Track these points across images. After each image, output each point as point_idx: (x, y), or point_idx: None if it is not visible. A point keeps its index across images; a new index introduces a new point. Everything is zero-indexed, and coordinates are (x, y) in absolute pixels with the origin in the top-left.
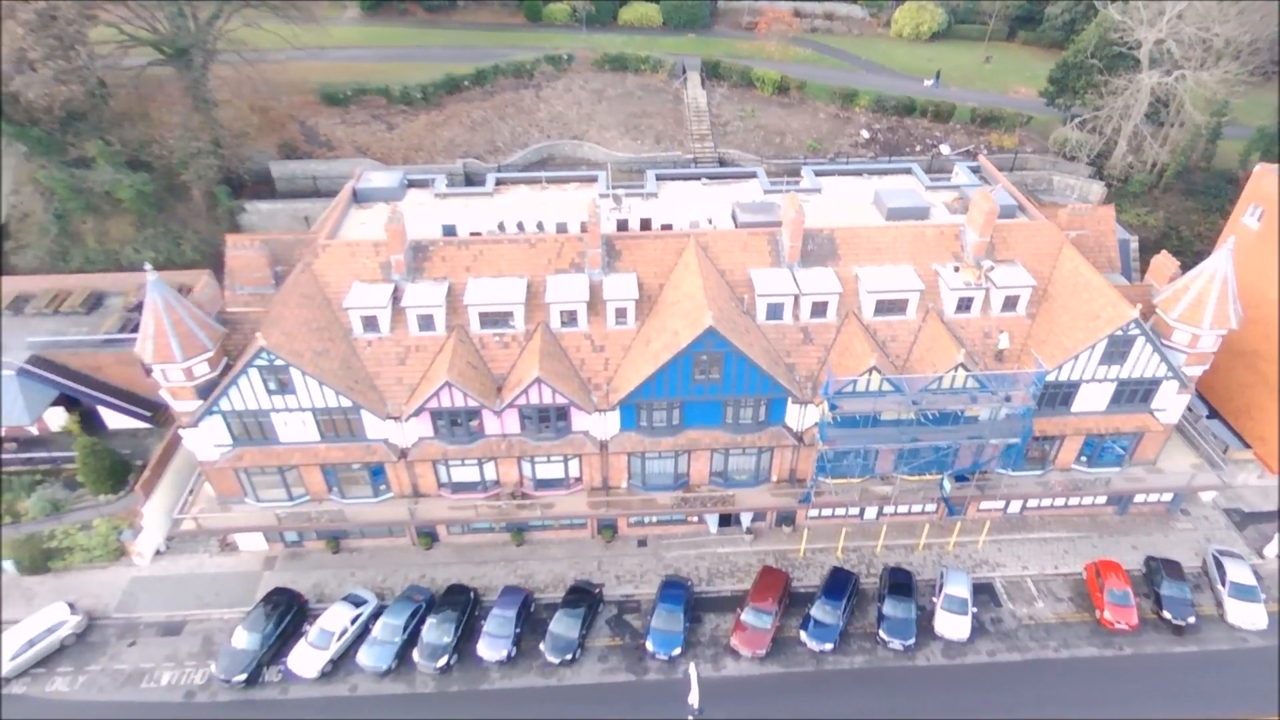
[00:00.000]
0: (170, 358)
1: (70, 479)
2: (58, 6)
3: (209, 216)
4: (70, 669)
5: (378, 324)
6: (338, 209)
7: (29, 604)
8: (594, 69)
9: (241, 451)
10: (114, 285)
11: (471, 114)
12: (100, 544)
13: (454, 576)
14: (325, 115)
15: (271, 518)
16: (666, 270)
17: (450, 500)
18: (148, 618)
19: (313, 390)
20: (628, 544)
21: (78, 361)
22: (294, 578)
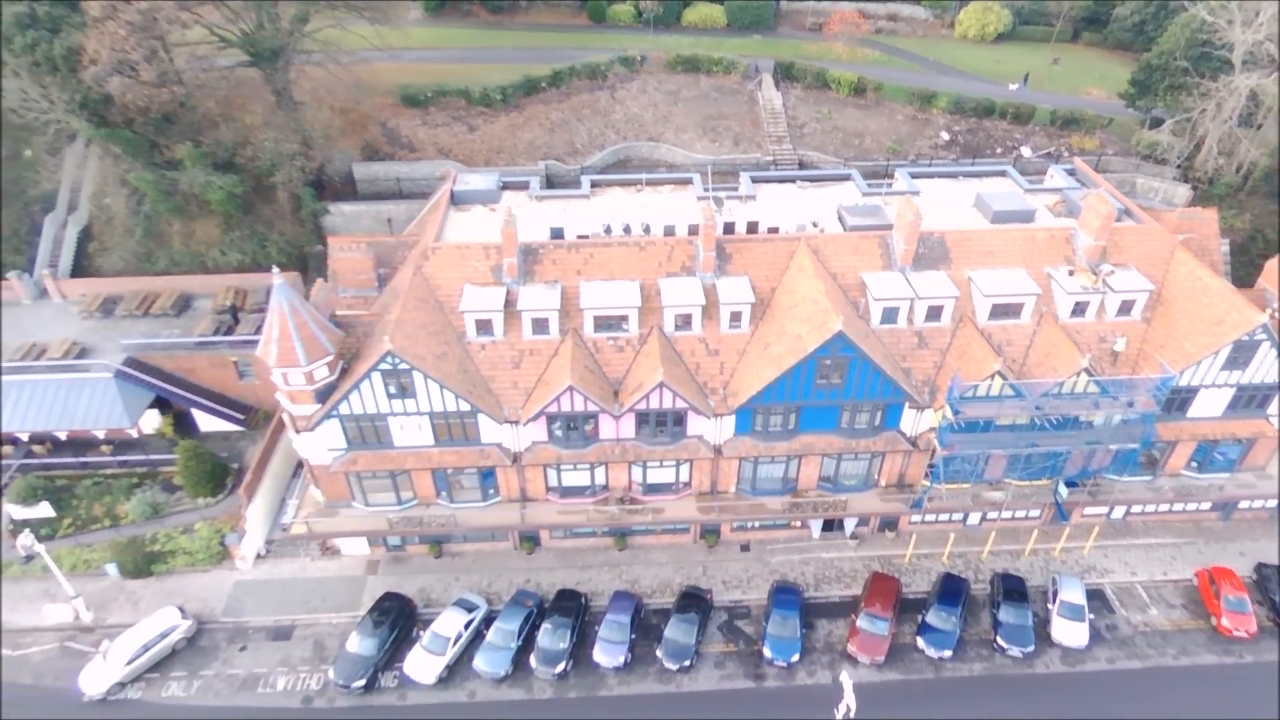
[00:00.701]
0: (294, 361)
1: (167, 482)
2: (160, 7)
3: (293, 218)
4: (184, 674)
5: (492, 327)
6: (438, 211)
7: (135, 608)
8: (666, 70)
9: (356, 455)
10: (202, 288)
11: (550, 116)
12: (203, 548)
13: (559, 581)
14: (405, 117)
15: (381, 522)
16: (778, 273)
17: (559, 505)
18: (256, 622)
19: (433, 394)
20: (730, 549)
21: (171, 364)
22: (399, 582)
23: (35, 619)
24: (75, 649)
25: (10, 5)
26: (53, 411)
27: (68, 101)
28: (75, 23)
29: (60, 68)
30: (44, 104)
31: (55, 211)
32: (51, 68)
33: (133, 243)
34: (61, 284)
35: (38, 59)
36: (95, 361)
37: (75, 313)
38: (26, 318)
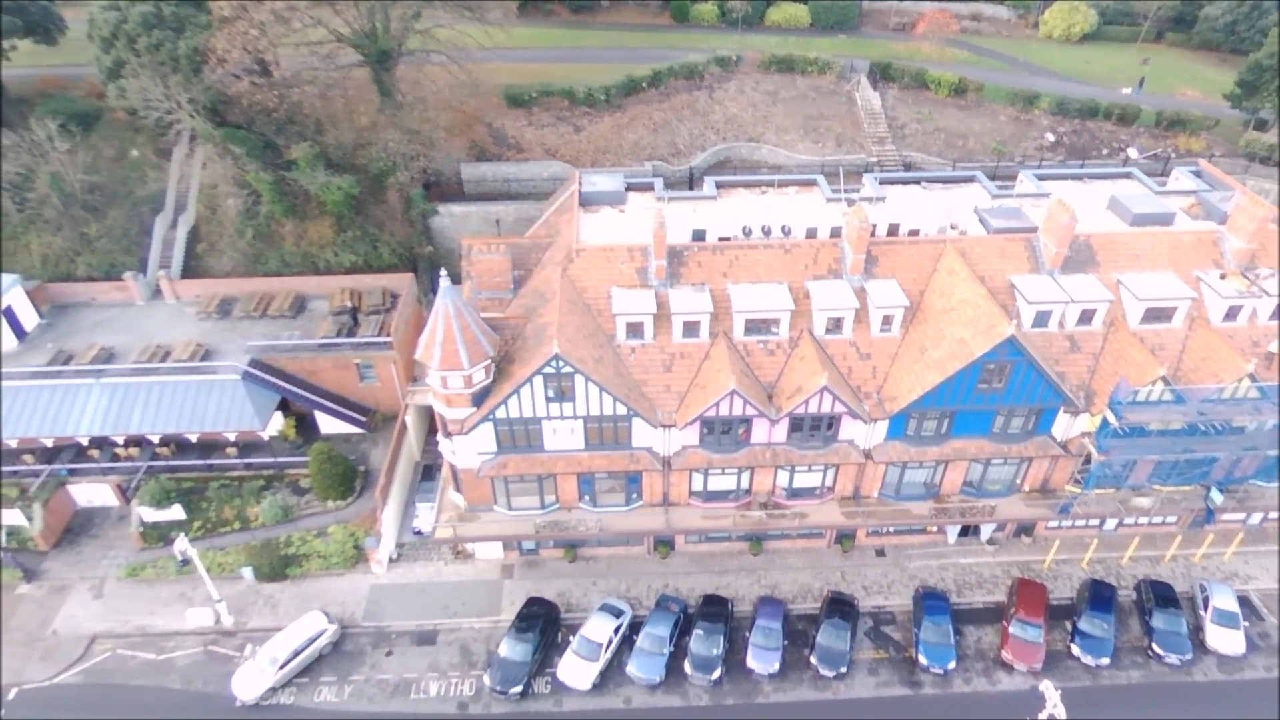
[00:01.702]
0: (458, 364)
1: (293, 484)
2: (295, 6)
3: (403, 219)
4: (333, 679)
5: (643, 330)
6: (569, 212)
7: (274, 612)
8: (760, 70)
9: (506, 459)
10: (316, 289)
11: (652, 116)
12: (337, 551)
13: (697, 586)
14: (510, 117)
15: (525, 526)
16: (924, 276)
17: (701, 509)
18: (398, 626)
19: (591, 398)
20: (865, 554)
21: (295, 366)
22: (536, 586)
23: (176, 623)
24: (219, 653)
25: (138, 5)
26: (183, 413)
27: (191, 101)
28: (200, 23)
29: (184, 68)
30: (167, 104)
31: (164, 212)
32: (174, 67)
33: (243, 244)
34: (176, 285)
35: (162, 59)
36: (222, 363)
37: (192, 314)
38: (142, 319)
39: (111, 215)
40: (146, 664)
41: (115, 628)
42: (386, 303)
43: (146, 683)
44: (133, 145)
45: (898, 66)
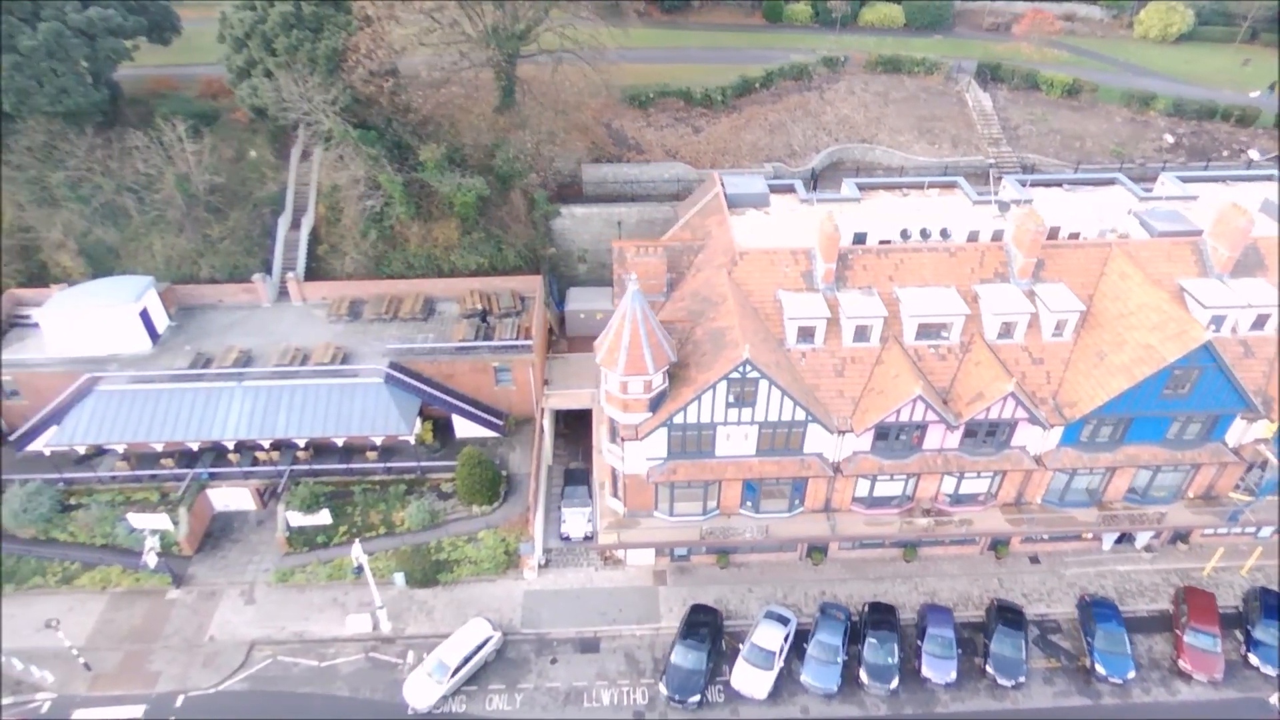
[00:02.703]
0: (643, 369)
1: (434, 488)
2: (445, 6)
3: (526, 220)
4: (502, 686)
5: (813, 335)
6: (719, 215)
7: (429, 618)
8: (866, 71)
9: (676, 465)
10: (444, 291)
11: (767, 117)
12: (489, 557)
13: (855, 593)
14: (628, 118)
15: (686, 532)
16: (1092, 280)
17: (864, 515)
18: (558, 633)
19: (771, 403)
20: (1019, 560)
21: (432, 369)
22: (692, 593)
23: (334, 629)
24: (381, 660)
25: (278, 5)
26: (327, 417)
27: (329, 102)
28: (339, 23)
29: (321, 68)
30: (306, 105)
31: (285, 213)
32: (313, 68)
33: (366, 245)
34: (303, 287)
35: (300, 59)
36: (363, 366)
37: (321, 316)
38: (272, 321)
39: (233, 216)
40: (310, 671)
41: (272, 634)
42: (517, 305)
43: (313, 690)
44: (250, 146)
45: (1008, 67)
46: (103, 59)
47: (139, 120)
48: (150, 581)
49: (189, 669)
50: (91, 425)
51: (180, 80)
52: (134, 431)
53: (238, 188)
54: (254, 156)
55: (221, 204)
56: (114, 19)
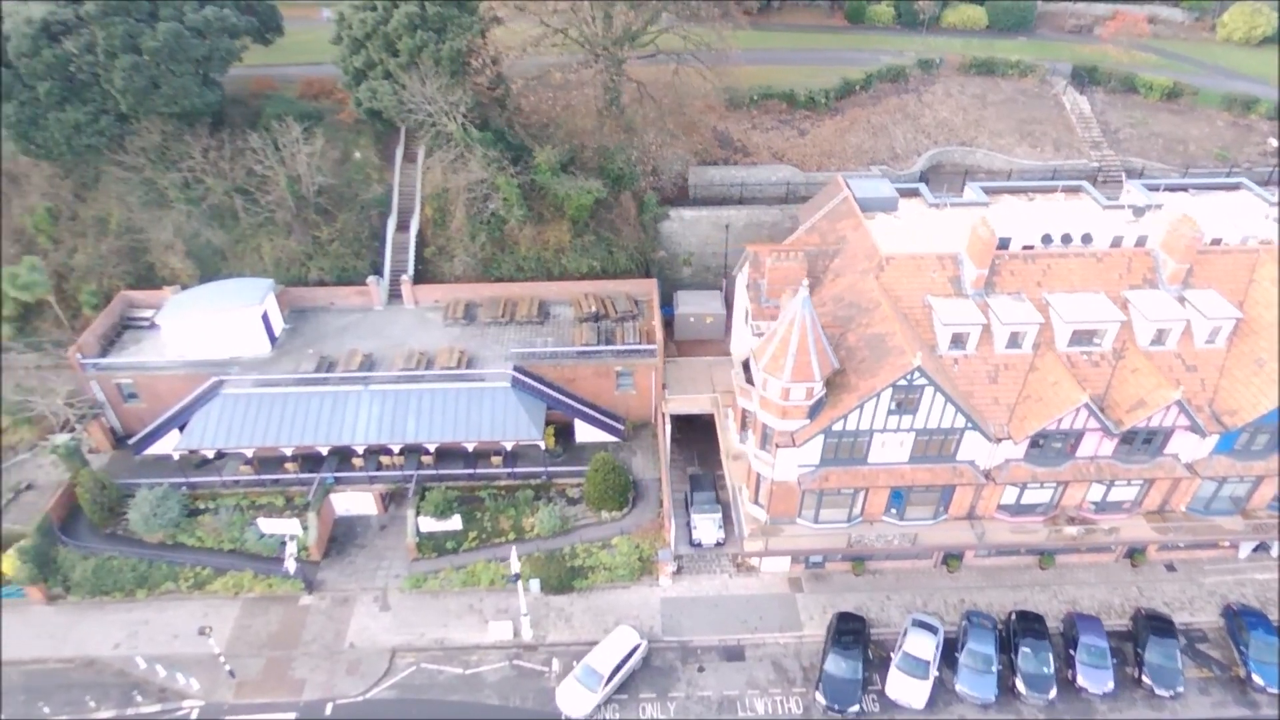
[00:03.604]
0: (809, 376)
1: (560, 493)
2: (557, 9)
3: (636, 223)
4: (653, 695)
5: (965, 341)
6: (851, 219)
7: (569, 625)
8: (960, 73)
9: (828, 472)
10: (557, 294)
11: (870, 119)
12: (624, 563)
13: (994, 601)
14: (732, 120)
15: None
16: (1240, 287)
17: (1009, 523)
18: (700, 641)
19: (933, 410)
20: (1155, 569)
21: (554, 373)
22: (830, 600)
23: (473, 636)
24: (526, 667)
25: (404, 5)
26: (457, 422)
27: (455, 104)
28: (464, 24)
29: (445, 70)
30: (431, 108)
31: (392, 215)
32: (437, 70)
33: (475, 247)
34: (416, 289)
35: (423, 61)
36: (490, 371)
37: (435, 319)
38: (386, 324)
39: (341, 218)
40: (456, 678)
41: (412, 641)
42: (633, 309)
43: (462, 698)
44: (355, 147)
45: (1104, 70)
46: (218, 59)
47: (244, 121)
48: (283, 587)
49: (334, 676)
50: (219, 429)
51: (277, 80)
52: (261, 435)
53: (343, 189)
54: (359, 158)
55: (329, 206)
56: (229, 19)
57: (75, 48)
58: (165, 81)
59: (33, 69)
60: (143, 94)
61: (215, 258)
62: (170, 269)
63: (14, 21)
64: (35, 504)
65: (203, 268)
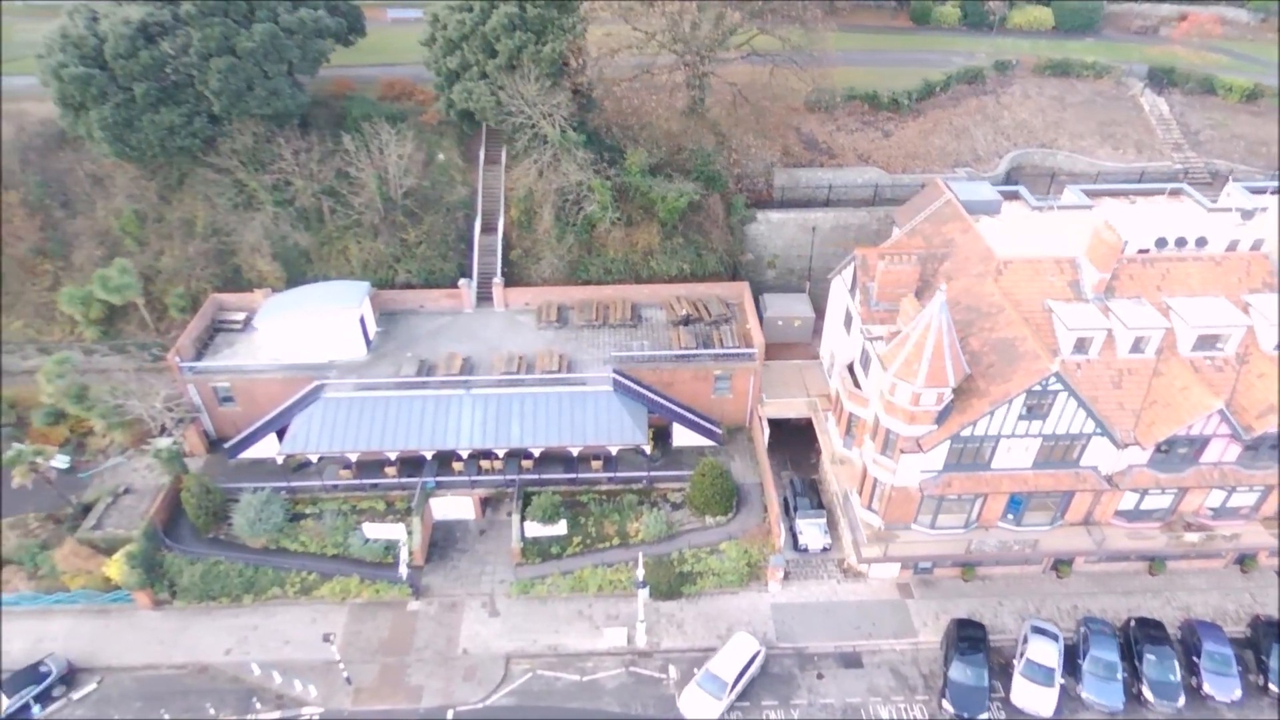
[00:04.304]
0: (944, 382)
1: (661, 498)
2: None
3: (724, 226)
4: (774, 702)
5: (1088, 346)
6: (958, 221)
7: (681, 631)
8: (1035, 74)
9: (950, 478)
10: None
11: (952, 121)
12: (732, 569)
13: (1107, 607)
14: (815, 121)
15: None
16: None
17: (1126, 529)
18: (816, 647)
19: (1063, 416)
20: (1266, 574)
21: (652, 377)
22: (941, 606)
23: (585, 642)
24: (643, 674)
25: (503, 6)
26: (561, 426)
27: (556, 106)
28: (564, 25)
29: (544, 71)
30: (527, 109)
31: (477, 217)
32: (538, 71)
33: (563, 250)
34: (506, 292)
35: (523, 62)
36: (590, 374)
37: (528, 322)
38: (479, 326)
39: (427, 220)
40: (574, 685)
41: (525, 647)
42: (726, 312)
43: (582, 705)
44: (438, 149)
45: (1180, 71)
46: (309, 60)
47: (328, 122)
48: (390, 593)
49: (450, 683)
50: (321, 432)
51: (355, 81)
52: (365, 439)
53: (428, 191)
54: (442, 160)
55: (416, 208)
56: (323, 20)
57: (172, 49)
58: (259, 83)
59: (129, 70)
60: (237, 96)
61: (300, 260)
62: (257, 271)
63: (111, 22)
64: (134, 508)
65: (289, 270)
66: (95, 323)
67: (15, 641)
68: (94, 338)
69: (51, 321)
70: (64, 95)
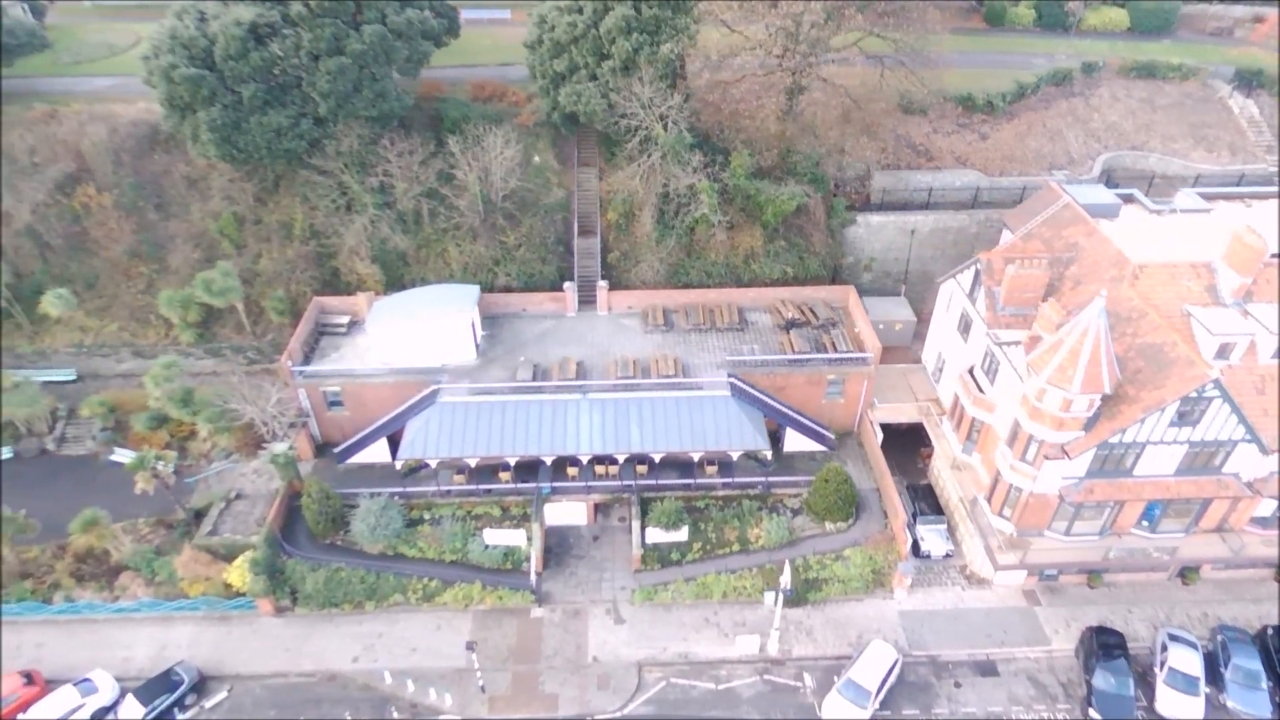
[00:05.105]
0: (1099, 387)
1: (778, 504)
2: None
3: (824, 229)
4: (916, 711)
5: (1230, 352)
6: (1084, 225)
7: (811, 639)
8: (1121, 76)
9: (1093, 484)
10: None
11: (1045, 123)
12: (857, 575)
13: (1237, 615)
14: (910, 124)
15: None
16: None
17: (1260, 535)
18: (949, 655)
19: (1215, 422)
20: None
21: (766, 382)
22: (1071, 613)
23: (716, 650)
24: (779, 683)
25: (619, 7)
26: (681, 431)
27: (674, 108)
28: (679, 26)
29: (659, 73)
30: (641, 112)
31: (574, 220)
32: (650, 73)
33: (663, 253)
34: (610, 295)
35: (639, 64)
36: (706, 379)
37: (632, 325)
38: (586, 330)
39: (526, 223)
40: (709, 694)
41: (655, 655)
42: (833, 315)
43: (720, 714)
44: (533, 151)
45: (1268, 73)
46: (414, 62)
47: (424, 124)
48: (513, 599)
49: (585, 691)
50: (439, 437)
51: (445, 83)
52: (484, 444)
53: (525, 194)
54: (537, 162)
55: (515, 210)
56: (429, 21)
57: (281, 50)
58: (367, 84)
59: (238, 72)
60: (344, 97)
61: (398, 263)
62: (356, 274)
63: (222, 23)
64: (248, 514)
65: (387, 273)
66: (192, 326)
67: (139, 649)
68: (190, 341)
69: (146, 325)
70: (172, 96)
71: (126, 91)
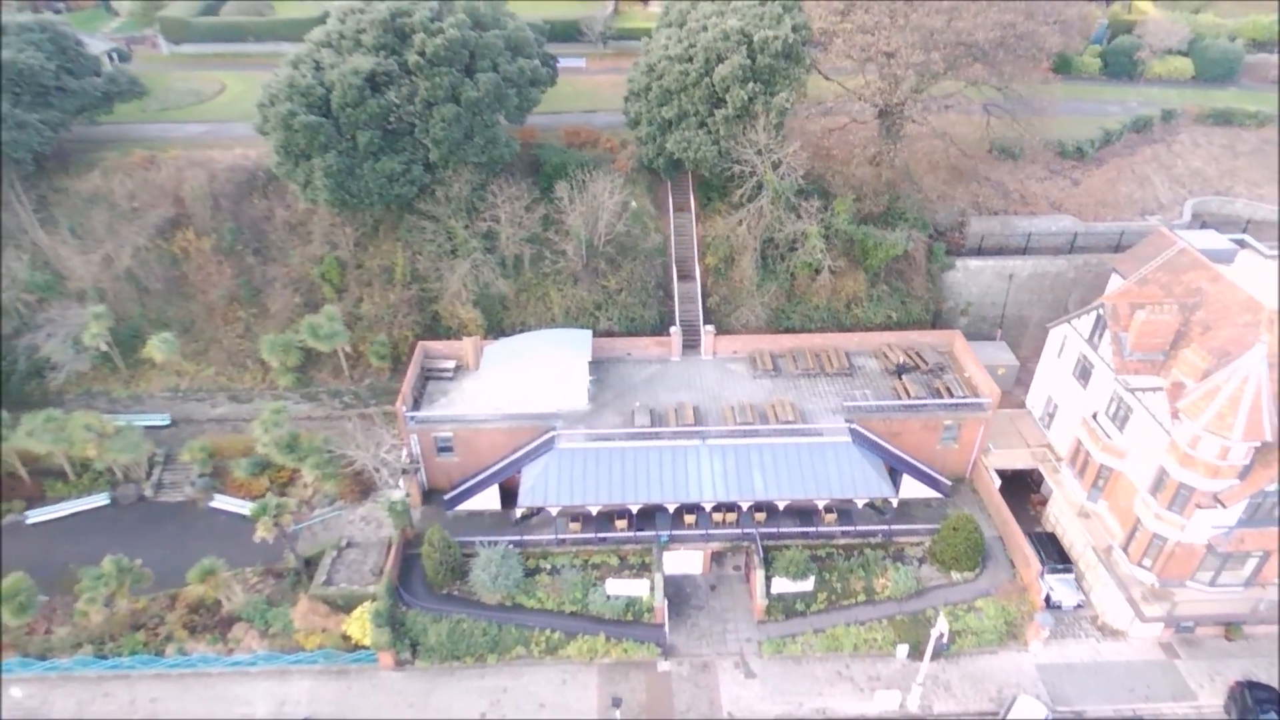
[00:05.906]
0: (1260, 435)
1: (899, 552)
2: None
3: (924, 273)
4: None
5: None
6: (1206, 270)
7: (949, 694)
8: (1198, 123)
9: (1244, 534)
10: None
11: (1133, 169)
12: (990, 627)
13: None
14: (1003, 170)
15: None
16: None
17: None
18: (1093, 711)
19: None
20: None
21: (882, 427)
22: (1212, 667)
23: (853, 705)
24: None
25: (733, 57)
26: (804, 478)
27: (782, 155)
28: (792, 75)
29: (774, 122)
30: (756, 159)
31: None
32: (764, 121)
33: (765, 298)
34: (716, 340)
35: (754, 112)
36: (825, 425)
37: (739, 370)
38: (693, 375)
39: (626, 267)
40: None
41: (791, 711)
42: (941, 360)
43: None
44: (630, 196)
45: None
46: (522, 110)
47: (524, 170)
48: (639, 652)
49: None
50: (558, 485)
51: (538, 129)
52: (604, 492)
53: (623, 239)
54: (634, 207)
55: (615, 254)
56: (539, 69)
57: (397, 98)
58: (479, 131)
59: (354, 119)
60: (455, 144)
61: (498, 307)
62: (458, 319)
63: (340, 72)
64: (360, 562)
65: (488, 317)
66: (291, 370)
67: (259, 705)
68: (287, 385)
69: (242, 369)
70: (289, 143)
71: (219, 137)
